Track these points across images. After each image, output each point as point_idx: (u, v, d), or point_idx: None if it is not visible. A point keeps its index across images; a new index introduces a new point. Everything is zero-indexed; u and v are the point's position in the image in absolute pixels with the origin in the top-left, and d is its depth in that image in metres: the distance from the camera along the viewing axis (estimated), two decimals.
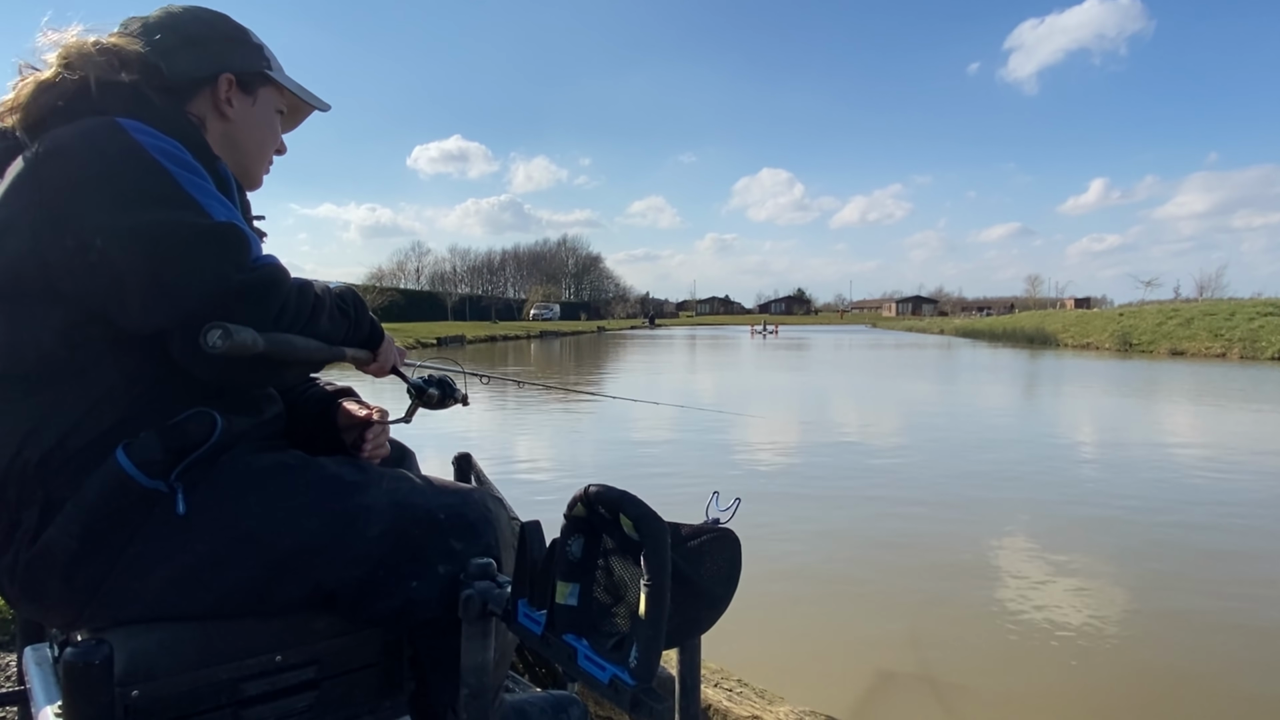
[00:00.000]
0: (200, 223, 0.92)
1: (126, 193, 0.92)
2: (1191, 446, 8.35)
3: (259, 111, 1.22)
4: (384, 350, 1.20)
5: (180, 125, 1.06)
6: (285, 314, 0.96)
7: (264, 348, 0.91)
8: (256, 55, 1.20)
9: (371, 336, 1.17)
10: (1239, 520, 5.20)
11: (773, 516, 5.15)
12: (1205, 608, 3.72)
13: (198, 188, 0.96)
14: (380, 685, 1.11)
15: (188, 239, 0.91)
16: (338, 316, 1.08)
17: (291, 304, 0.97)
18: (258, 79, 1.21)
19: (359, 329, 1.14)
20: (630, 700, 0.72)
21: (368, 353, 1.18)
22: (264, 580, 0.99)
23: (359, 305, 1.14)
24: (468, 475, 1.63)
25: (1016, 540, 4.83)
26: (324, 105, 1.34)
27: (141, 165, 0.94)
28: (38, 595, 0.98)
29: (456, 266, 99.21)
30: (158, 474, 0.94)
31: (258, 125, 1.22)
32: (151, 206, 0.92)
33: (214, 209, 0.95)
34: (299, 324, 0.98)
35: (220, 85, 1.16)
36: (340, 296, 1.10)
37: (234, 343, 0.87)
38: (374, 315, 1.18)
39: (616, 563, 0.80)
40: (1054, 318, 41.52)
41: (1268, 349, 23.73)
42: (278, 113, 1.26)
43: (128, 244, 0.90)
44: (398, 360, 1.25)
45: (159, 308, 0.91)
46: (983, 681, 2.99)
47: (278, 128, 1.27)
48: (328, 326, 1.05)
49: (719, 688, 2.10)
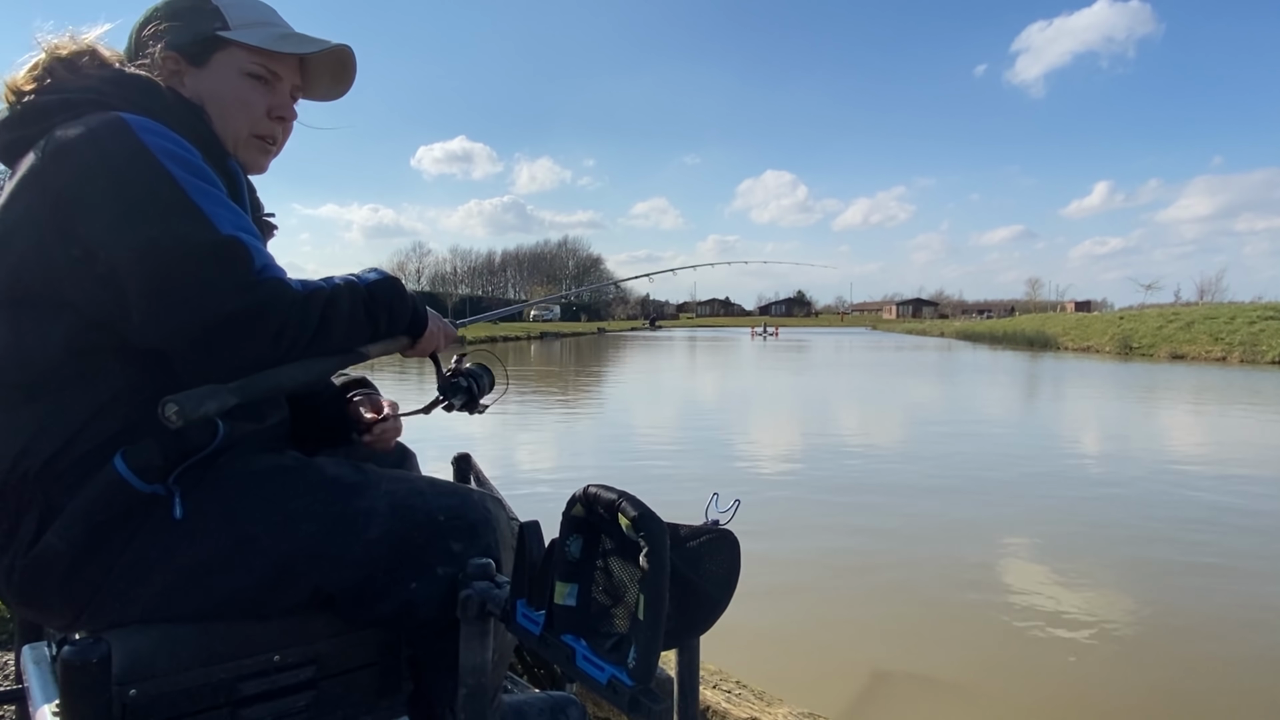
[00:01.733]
0: (203, 238, 0.90)
1: (131, 202, 0.90)
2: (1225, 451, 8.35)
3: (213, 81, 1.11)
4: (426, 338, 1.14)
5: (189, 120, 1.04)
6: (284, 337, 0.92)
7: (235, 402, 0.88)
8: (208, 18, 1.10)
9: (413, 325, 1.11)
10: (1241, 524, 5.19)
11: (773, 518, 5.15)
12: (1206, 612, 3.72)
13: (204, 194, 0.93)
14: (378, 685, 1.11)
15: (189, 256, 0.89)
16: (361, 321, 1.02)
17: (291, 326, 0.92)
18: (208, 44, 1.10)
19: (395, 323, 1.08)
20: (628, 701, 0.72)
21: (407, 339, 1.12)
22: (263, 583, 0.99)
23: (394, 299, 1.06)
24: (467, 476, 1.63)
25: (1016, 544, 4.83)
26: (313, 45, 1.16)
27: (148, 171, 0.91)
28: (34, 599, 0.97)
29: (457, 267, 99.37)
30: (155, 478, 0.94)
31: (214, 97, 1.11)
32: (156, 219, 0.90)
33: (220, 219, 0.92)
34: (301, 343, 0.94)
35: (163, 66, 1.09)
36: (371, 294, 1.03)
37: (191, 418, 0.84)
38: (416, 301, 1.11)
39: (615, 563, 0.80)
40: (1054, 320, 41.54)
41: (1268, 353, 23.71)
42: (251, 76, 1.13)
43: (131, 258, 0.89)
44: (441, 345, 1.18)
45: (158, 328, 0.90)
46: (982, 684, 2.98)
47: (247, 94, 1.13)
48: (344, 336, 1.00)
49: (718, 689, 2.09)
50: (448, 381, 1.25)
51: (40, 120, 0.99)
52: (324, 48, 1.17)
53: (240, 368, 0.91)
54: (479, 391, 1.27)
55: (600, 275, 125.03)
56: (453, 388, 1.25)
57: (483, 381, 1.28)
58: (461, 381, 1.25)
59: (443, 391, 1.25)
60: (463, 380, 1.25)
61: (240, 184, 1.10)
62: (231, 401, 0.88)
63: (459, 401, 1.26)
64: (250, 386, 0.90)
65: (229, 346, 0.90)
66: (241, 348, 0.91)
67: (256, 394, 0.91)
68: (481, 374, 1.28)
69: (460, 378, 1.26)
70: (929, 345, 39.18)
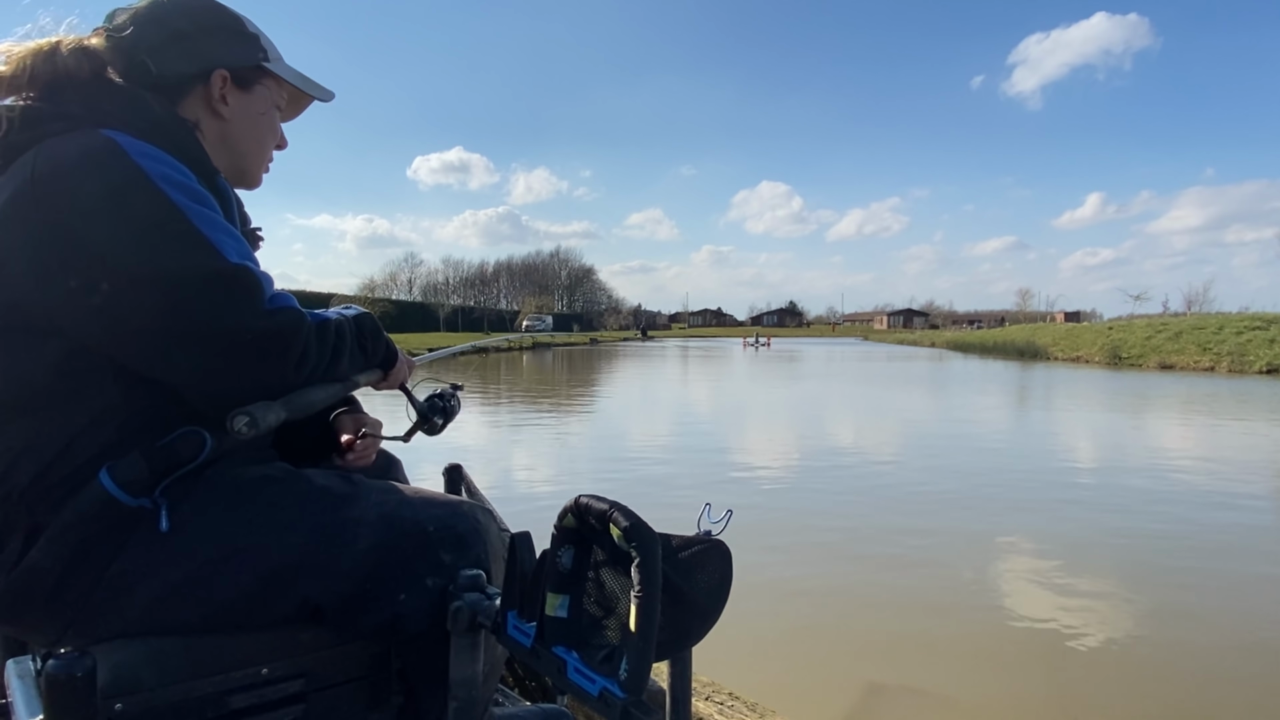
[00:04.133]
0: (214, 267, 0.89)
1: (136, 232, 0.88)
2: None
3: (257, 108, 1.15)
4: (396, 371, 1.19)
5: (178, 137, 1.01)
6: (306, 362, 0.94)
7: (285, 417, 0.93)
8: (253, 47, 1.13)
9: (386, 359, 1.15)
10: (1242, 526, 5.22)
11: (766, 529, 5.14)
12: (1208, 622, 3.73)
13: (207, 221, 0.92)
14: (368, 698, 1.10)
15: (202, 287, 0.88)
16: (358, 353, 1.06)
17: (312, 351, 0.95)
18: (254, 73, 1.14)
19: (375, 355, 1.12)
20: (620, 713, 0.72)
21: (379, 373, 1.16)
22: (251, 595, 0.98)
23: (376, 332, 1.11)
24: (458, 486, 1.62)
25: (1009, 554, 4.84)
26: (326, 95, 1.26)
27: (148, 199, 0.89)
28: (19, 616, 0.96)
29: (449, 278, 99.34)
30: (141, 492, 0.92)
31: (256, 123, 1.16)
32: (162, 249, 0.88)
33: (226, 247, 0.91)
34: (320, 369, 0.97)
35: (214, 83, 1.10)
36: (359, 326, 1.08)
37: (261, 429, 0.89)
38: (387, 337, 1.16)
39: (607, 574, 0.80)
40: (1044, 331, 41.79)
41: (1255, 362, 23.91)
42: (277, 106, 1.19)
43: (137, 290, 0.87)
44: (406, 375, 1.23)
45: (165, 357, 0.90)
46: (974, 695, 2.98)
47: (277, 123, 1.21)
48: (349, 365, 1.03)
49: (710, 701, 2.08)
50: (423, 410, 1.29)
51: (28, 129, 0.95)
52: (330, 97, 1.28)
53: (260, 393, 0.92)
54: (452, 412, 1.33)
55: (592, 285, 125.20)
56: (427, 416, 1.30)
57: (451, 403, 1.34)
58: (438, 403, 1.31)
59: (421, 418, 1.29)
60: (439, 402, 1.31)
61: (230, 201, 1.09)
62: (284, 416, 0.92)
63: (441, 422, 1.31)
64: (292, 403, 0.94)
65: (250, 373, 0.92)
66: (264, 373, 0.93)
67: (298, 411, 0.96)
68: (450, 395, 1.34)
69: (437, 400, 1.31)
70: (921, 355, 39.33)
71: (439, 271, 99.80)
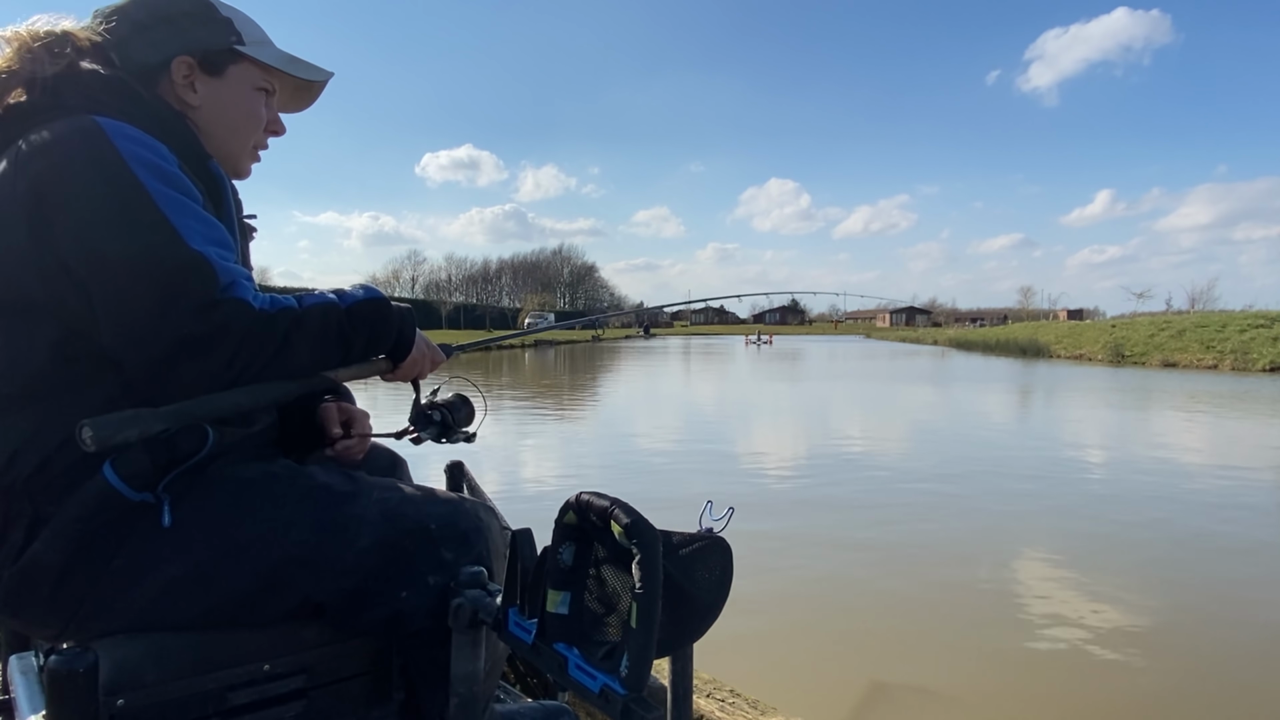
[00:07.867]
0: (166, 254, 0.89)
1: (99, 213, 0.90)
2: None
3: (229, 94, 1.13)
4: (408, 364, 1.12)
5: (170, 123, 1.03)
6: (238, 361, 0.91)
7: (161, 428, 0.87)
8: (222, 30, 1.11)
9: (396, 349, 1.10)
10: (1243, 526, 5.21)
11: (767, 526, 5.14)
12: (1211, 621, 3.72)
13: (175, 205, 0.92)
14: (369, 695, 1.10)
15: (152, 273, 0.88)
16: (331, 343, 1.00)
17: (247, 350, 0.91)
18: (225, 56, 1.12)
19: (374, 347, 1.07)
20: (621, 710, 0.72)
21: (387, 364, 1.10)
22: (253, 591, 0.98)
23: (377, 321, 1.05)
24: (460, 484, 1.62)
25: (1013, 552, 4.83)
26: (320, 75, 1.22)
27: (118, 180, 0.90)
28: (21, 609, 0.96)
29: (452, 275, 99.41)
30: (144, 486, 0.93)
31: (229, 108, 1.13)
32: (122, 231, 0.89)
33: (189, 232, 0.91)
34: (256, 367, 0.93)
35: (175, 70, 1.09)
36: (350, 314, 1.01)
37: (106, 445, 0.84)
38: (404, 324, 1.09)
39: (608, 571, 0.80)
40: (1047, 329, 41.69)
41: (1259, 360, 23.84)
42: (260, 90, 1.17)
43: (96, 270, 0.89)
44: (425, 371, 1.16)
45: (120, 341, 0.90)
46: (977, 693, 2.98)
47: (258, 108, 1.17)
48: (309, 359, 0.98)
49: (711, 698, 2.09)
50: (421, 412, 1.24)
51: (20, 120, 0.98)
52: (325, 77, 1.23)
53: (193, 387, 0.91)
54: (454, 423, 1.25)
55: (595, 283, 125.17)
56: (424, 419, 1.24)
57: (459, 414, 1.26)
58: (435, 415, 1.24)
59: (414, 422, 1.24)
60: (436, 414, 1.24)
61: (224, 186, 1.09)
62: (158, 427, 0.87)
63: (428, 435, 1.25)
64: (183, 413, 0.89)
65: (183, 367, 0.90)
66: (195, 369, 0.90)
67: (190, 420, 0.91)
68: (459, 405, 1.27)
69: (435, 410, 1.25)
70: (924, 353, 39.30)
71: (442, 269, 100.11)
